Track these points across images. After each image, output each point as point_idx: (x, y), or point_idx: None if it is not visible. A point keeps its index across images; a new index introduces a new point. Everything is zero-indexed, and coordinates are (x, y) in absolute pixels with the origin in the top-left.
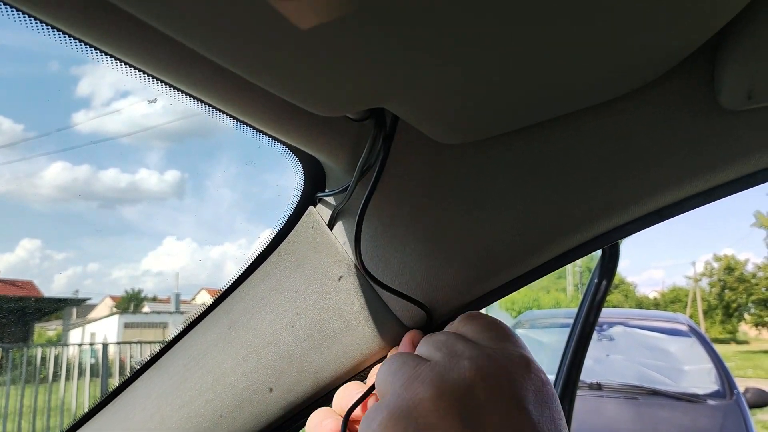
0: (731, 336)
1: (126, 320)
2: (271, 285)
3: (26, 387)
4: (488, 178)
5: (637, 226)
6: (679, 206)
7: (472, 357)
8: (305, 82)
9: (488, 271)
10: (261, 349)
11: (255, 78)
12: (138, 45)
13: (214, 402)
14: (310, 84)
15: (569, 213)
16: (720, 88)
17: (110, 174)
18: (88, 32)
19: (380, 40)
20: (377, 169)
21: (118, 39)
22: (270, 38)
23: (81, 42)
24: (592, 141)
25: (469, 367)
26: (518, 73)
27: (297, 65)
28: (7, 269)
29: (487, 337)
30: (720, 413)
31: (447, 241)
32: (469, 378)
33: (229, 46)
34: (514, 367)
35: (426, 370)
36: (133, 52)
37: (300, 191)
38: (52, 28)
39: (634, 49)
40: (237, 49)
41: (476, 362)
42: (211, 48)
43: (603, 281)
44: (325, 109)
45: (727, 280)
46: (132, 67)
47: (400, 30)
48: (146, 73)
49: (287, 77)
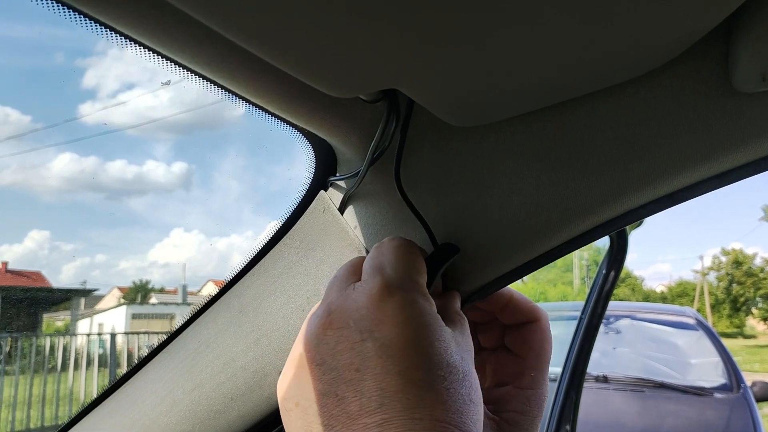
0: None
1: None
2: (281, 269)
3: (35, 376)
4: (499, 160)
5: (650, 209)
6: (692, 190)
7: (329, 302)
8: (319, 62)
9: (499, 255)
10: (272, 332)
11: (269, 56)
12: (154, 24)
13: (225, 385)
14: (324, 63)
15: (581, 196)
16: (734, 70)
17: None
18: (104, 12)
19: (396, 20)
20: (397, 148)
21: (132, 18)
22: (284, 16)
23: (96, 22)
24: (604, 123)
25: (320, 315)
26: (534, 54)
27: (312, 44)
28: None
29: (367, 270)
30: (727, 407)
31: (457, 224)
32: (321, 327)
33: (244, 23)
34: (362, 305)
35: (310, 316)
36: (149, 32)
37: (311, 175)
38: (68, 8)
39: (648, 29)
40: (252, 27)
41: (328, 308)
42: (225, 25)
43: (611, 272)
44: (339, 90)
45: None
46: (147, 48)
47: (416, 9)
48: (161, 55)
49: (301, 56)
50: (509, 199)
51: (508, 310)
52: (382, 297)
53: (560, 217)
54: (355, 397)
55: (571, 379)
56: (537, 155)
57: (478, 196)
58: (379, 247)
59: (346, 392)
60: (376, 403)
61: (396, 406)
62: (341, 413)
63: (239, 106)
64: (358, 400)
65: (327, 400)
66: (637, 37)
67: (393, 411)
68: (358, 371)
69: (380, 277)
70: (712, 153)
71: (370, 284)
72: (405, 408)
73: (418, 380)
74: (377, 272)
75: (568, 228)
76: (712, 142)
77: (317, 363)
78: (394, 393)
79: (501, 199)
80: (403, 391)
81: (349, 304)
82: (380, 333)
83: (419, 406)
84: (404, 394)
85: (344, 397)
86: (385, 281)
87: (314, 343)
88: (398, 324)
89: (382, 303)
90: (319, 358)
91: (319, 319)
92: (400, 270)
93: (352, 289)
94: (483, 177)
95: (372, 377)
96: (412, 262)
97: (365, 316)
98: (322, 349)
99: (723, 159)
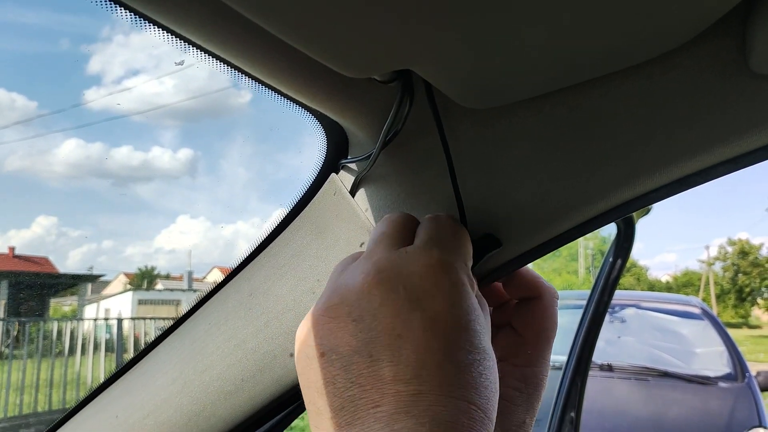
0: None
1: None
2: (292, 252)
3: (42, 360)
4: (511, 144)
5: (661, 194)
6: (707, 173)
7: (378, 260)
8: (334, 40)
9: (509, 239)
10: (282, 315)
11: (284, 34)
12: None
13: (235, 366)
14: (339, 42)
15: (592, 181)
16: (750, 51)
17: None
18: None
19: None
20: (438, 128)
21: None
22: None
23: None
24: (618, 107)
25: (367, 272)
26: (549, 33)
27: (327, 22)
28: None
29: (423, 238)
30: (731, 396)
31: (468, 207)
32: (367, 284)
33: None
34: (416, 273)
35: (351, 267)
36: (163, 10)
37: (322, 158)
38: None
39: (665, 9)
40: (268, 4)
41: (376, 266)
42: (241, 1)
43: (618, 260)
44: (353, 70)
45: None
46: (162, 27)
47: None
48: (176, 34)
49: (316, 34)
50: (519, 183)
51: (513, 283)
52: (438, 271)
53: (570, 202)
54: (391, 362)
55: (576, 366)
56: (548, 139)
57: (488, 180)
58: (437, 220)
59: (381, 355)
60: (413, 374)
61: (433, 381)
62: (372, 374)
63: (252, 87)
64: (394, 366)
65: (358, 358)
66: (654, 16)
67: (429, 384)
68: (399, 338)
69: (438, 250)
70: (727, 136)
71: (427, 254)
72: (441, 384)
73: (458, 360)
74: (435, 243)
75: (578, 213)
76: (729, 124)
77: (354, 318)
78: (432, 367)
79: (510, 183)
80: (442, 367)
81: (401, 268)
82: (429, 306)
83: (455, 385)
84: (443, 371)
85: (378, 360)
86: (443, 254)
87: (355, 298)
88: (449, 301)
89: (436, 276)
90: (357, 314)
91: (364, 275)
92: (457, 247)
93: (405, 253)
94: (493, 161)
95: (413, 347)
96: (466, 244)
97: (417, 285)
98: (364, 306)
99: (739, 142)
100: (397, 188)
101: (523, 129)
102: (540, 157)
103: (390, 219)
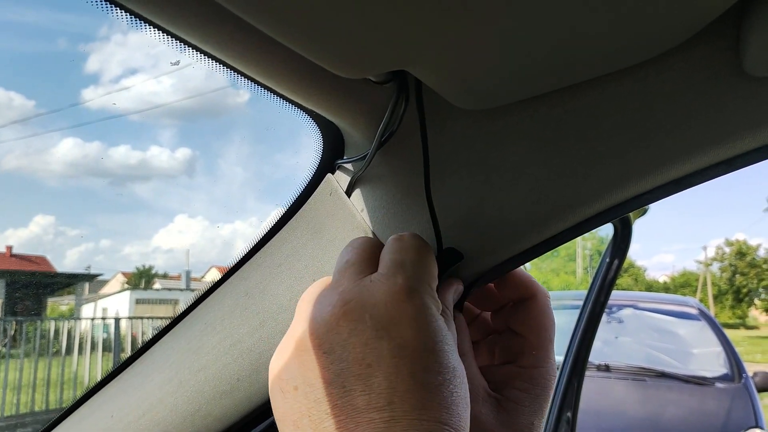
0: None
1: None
2: (288, 252)
3: (39, 360)
4: (506, 144)
5: (656, 195)
6: (701, 174)
7: (343, 291)
8: (330, 41)
9: (503, 240)
10: (278, 314)
11: (279, 35)
12: (165, 2)
13: (231, 366)
14: (334, 42)
15: (588, 182)
16: (745, 53)
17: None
18: None
19: None
20: (420, 129)
21: None
22: None
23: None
24: (613, 108)
25: (334, 303)
26: (544, 34)
27: (322, 22)
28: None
29: (387, 264)
30: (728, 396)
31: (463, 209)
32: (334, 315)
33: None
34: (381, 302)
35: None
36: (159, 10)
37: (318, 158)
38: None
39: (659, 10)
40: (263, 5)
41: (342, 297)
42: (236, 2)
43: (615, 260)
44: (349, 70)
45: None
46: (158, 27)
47: None
48: (172, 35)
49: (312, 35)
50: (515, 184)
51: (505, 284)
52: (402, 297)
53: (566, 203)
54: (364, 391)
55: (573, 366)
56: (544, 140)
57: (483, 181)
58: (400, 242)
59: (354, 385)
60: (385, 401)
61: (405, 405)
62: (346, 405)
63: (248, 87)
64: (366, 395)
65: (332, 390)
66: (649, 18)
67: (401, 410)
68: (369, 367)
69: (402, 276)
70: (722, 138)
71: (390, 281)
72: (413, 408)
73: (427, 383)
74: (399, 270)
75: (573, 214)
76: (723, 126)
77: (325, 351)
78: (404, 393)
79: (506, 184)
80: (412, 391)
81: (366, 298)
82: (397, 333)
83: (426, 408)
84: (413, 395)
85: (351, 390)
86: (407, 281)
87: (324, 331)
88: (414, 327)
89: (401, 304)
90: (328, 347)
91: (331, 306)
92: (420, 272)
93: (369, 281)
94: (488, 162)
95: (383, 375)
96: (430, 265)
97: (383, 314)
98: (333, 338)
99: (732, 144)
100: (392, 189)
101: (519, 130)
102: (535, 157)
103: (354, 246)
